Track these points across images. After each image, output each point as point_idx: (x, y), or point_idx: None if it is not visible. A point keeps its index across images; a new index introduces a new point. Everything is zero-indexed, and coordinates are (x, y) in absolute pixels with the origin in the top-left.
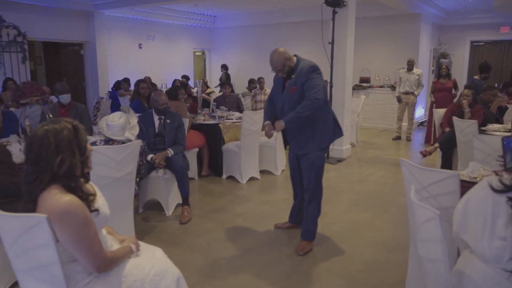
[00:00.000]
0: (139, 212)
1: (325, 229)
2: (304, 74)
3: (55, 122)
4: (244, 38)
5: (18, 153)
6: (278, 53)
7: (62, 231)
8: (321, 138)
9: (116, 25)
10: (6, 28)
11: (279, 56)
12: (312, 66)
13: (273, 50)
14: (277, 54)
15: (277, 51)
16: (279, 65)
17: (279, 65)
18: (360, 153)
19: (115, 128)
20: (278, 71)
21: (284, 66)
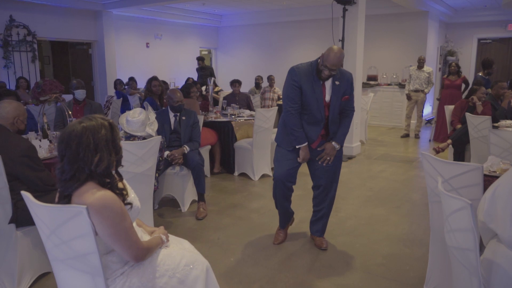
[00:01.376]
0: (154, 208)
1: (341, 225)
2: (349, 83)
3: (91, 119)
4: (250, 37)
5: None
6: (342, 52)
7: (101, 223)
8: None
9: (124, 24)
10: (16, 28)
11: (342, 55)
12: (351, 74)
13: (335, 48)
14: (342, 51)
15: (341, 49)
16: (340, 64)
17: (340, 64)
18: (370, 150)
19: (136, 124)
20: (332, 71)
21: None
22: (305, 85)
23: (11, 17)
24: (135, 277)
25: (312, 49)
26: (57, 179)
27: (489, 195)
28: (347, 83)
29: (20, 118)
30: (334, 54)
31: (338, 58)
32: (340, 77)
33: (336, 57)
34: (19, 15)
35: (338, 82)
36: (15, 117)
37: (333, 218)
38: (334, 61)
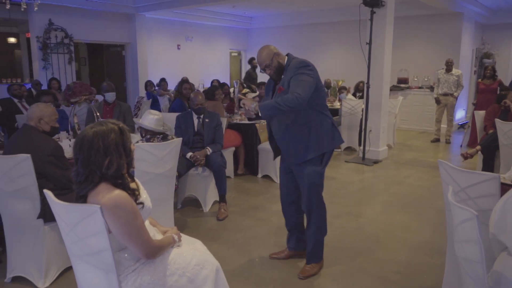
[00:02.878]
0: (177, 208)
1: (360, 230)
2: (292, 70)
3: (102, 124)
4: (280, 39)
5: (68, 149)
6: (267, 48)
7: (114, 222)
8: (317, 144)
9: (156, 26)
10: (55, 31)
11: (267, 50)
12: (302, 62)
13: (261, 47)
14: (265, 48)
15: (265, 46)
16: (266, 59)
17: (266, 59)
18: (397, 155)
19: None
20: (266, 67)
21: (272, 61)
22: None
23: (50, 20)
24: (147, 274)
25: (341, 51)
26: (74, 181)
27: (500, 207)
28: (287, 73)
29: (44, 119)
30: (258, 52)
31: (258, 55)
32: (287, 71)
33: (258, 53)
34: (58, 19)
35: (283, 76)
36: (39, 118)
37: (352, 223)
38: (257, 58)
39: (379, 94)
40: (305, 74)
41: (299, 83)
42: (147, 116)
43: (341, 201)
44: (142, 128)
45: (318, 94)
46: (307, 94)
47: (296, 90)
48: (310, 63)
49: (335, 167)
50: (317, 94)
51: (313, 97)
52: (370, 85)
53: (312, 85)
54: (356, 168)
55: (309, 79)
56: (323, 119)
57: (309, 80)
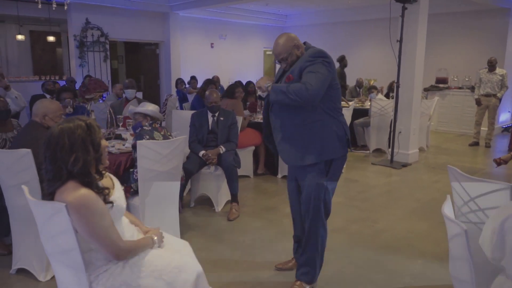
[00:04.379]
0: (190, 206)
1: (375, 237)
2: (305, 59)
3: (69, 121)
4: (314, 37)
5: None
6: (287, 37)
7: (79, 221)
8: (320, 148)
9: (190, 25)
10: (91, 30)
11: (286, 41)
12: (320, 51)
13: (281, 34)
14: (284, 37)
15: (284, 34)
16: (284, 51)
17: (284, 51)
18: (429, 158)
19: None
20: (282, 60)
21: (291, 54)
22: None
23: (87, 19)
24: (119, 275)
25: (375, 50)
26: (43, 179)
27: (498, 228)
28: (300, 61)
29: (49, 115)
30: (274, 43)
31: (276, 44)
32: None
33: (275, 42)
34: (94, 17)
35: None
36: (44, 115)
37: (368, 229)
38: (275, 49)
39: (409, 94)
40: (321, 64)
41: (313, 74)
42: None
43: (360, 205)
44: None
45: (332, 93)
46: (320, 89)
47: (309, 81)
48: (328, 54)
49: (360, 169)
50: (330, 93)
51: (325, 96)
52: (400, 84)
53: (327, 79)
54: (382, 171)
55: (325, 71)
56: (332, 122)
57: (325, 72)
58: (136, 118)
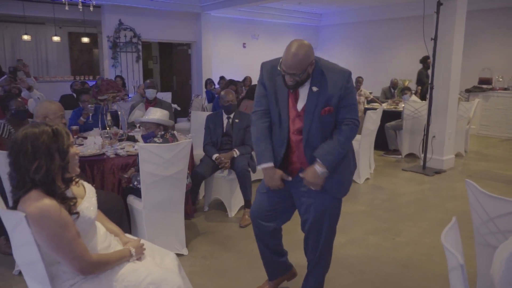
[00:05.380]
0: (204, 211)
1: (394, 251)
2: (338, 87)
3: (35, 126)
4: (350, 36)
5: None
6: (307, 49)
7: (39, 233)
8: (350, 180)
9: (222, 25)
10: (124, 31)
11: (306, 55)
12: (348, 72)
13: (293, 44)
14: (304, 49)
15: (305, 45)
16: (300, 67)
17: (300, 67)
18: (467, 165)
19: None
20: (293, 75)
21: (304, 72)
22: (269, 86)
23: (120, 21)
24: None
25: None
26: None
27: (505, 259)
28: (334, 87)
29: (49, 116)
30: (290, 52)
31: (296, 59)
32: (322, 80)
33: (294, 57)
34: (127, 19)
35: (317, 87)
36: (44, 116)
37: (388, 242)
38: (290, 62)
39: (445, 95)
40: (353, 89)
41: (353, 106)
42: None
43: (382, 215)
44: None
45: None
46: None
47: (353, 115)
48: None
49: (389, 175)
50: None
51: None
52: (435, 85)
53: None
54: (413, 177)
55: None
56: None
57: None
58: (147, 127)
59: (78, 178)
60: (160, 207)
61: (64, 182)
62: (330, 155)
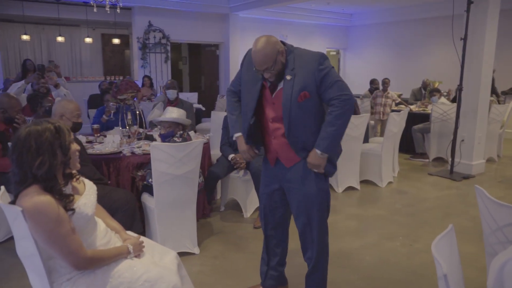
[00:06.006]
0: (220, 210)
1: (409, 258)
2: (312, 67)
3: (37, 124)
4: (381, 36)
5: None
6: (266, 42)
7: (34, 228)
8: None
9: (249, 26)
10: (153, 32)
11: (268, 46)
12: (322, 54)
13: (258, 40)
14: (263, 42)
15: (263, 38)
16: (269, 59)
17: (269, 59)
18: (499, 170)
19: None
20: (266, 70)
21: (276, 62)
22: (245, 75)
23: (149, 22)
24: (83, 285)
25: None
26: (12, 181)
27: (497, 268)
28: (307, 72)
29: (66, 115)
30: (254, 51)
31: (257, 52)
32: (295, 67)
33: (257, 52)
34: (156, 20)
35: (291, 76)
36: (61, 115)
37: (404, 248)
38: (257, 59)
39: (474, 97)
40: (332, 69)
41: (337, 84)
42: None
43: (401, 220)
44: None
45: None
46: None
47: (340, 91)
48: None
49: (414, 179)
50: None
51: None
52: (463, 87)
53: None
54: (439, 182)
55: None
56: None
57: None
58: (167, 127)
59: (79, 174)
60: (172, 205)
61: (64, 177)
62: (324, 140)
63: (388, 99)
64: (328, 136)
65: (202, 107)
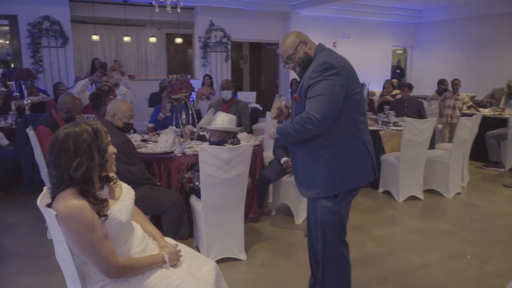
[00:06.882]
0: (271, 215)
1: (480, 283)
2: (309, 74)
3: (75, 125)
4: (451, 33)
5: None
6: (294, 34)
7: (66, 233)
8: (327, 179)
9: (311, 24)
10: (215, 31)
11: (292, 37)
12: (322, 63)
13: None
14: (290, 34)
15: (292, 32)
16: (290, 47)
17: (290, 47)
18: None
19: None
20: (288, 59)
21: (298, 51)
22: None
23: (211, 22)
24: None
25: None
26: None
27: None
28: (306, 76)
29: (118, 115)
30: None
31: (281, 43)
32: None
33: (281, 43)
34: (218, 19)
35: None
36: (114, 114)
37: (472, 270)
38: (280, 49)
39: None
40: (325, 82)
41: (315, 100)
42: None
43: (470, 237)
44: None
45: (350, 103)
46: (329, 113)
47: (311, 110)
48: (335, 63)
49: (486, 191)
50: (349, 106)
51: (342, 111)
52: None
53: (336, 97)
54: None
55: (332, 89)
56: (352, 141)
57: (332, 91)
58: (217, 135)
59: (116, 178)
60: (219, 209)
61: (101, 180)
62: (281, 130)
63: (458, 101)
64: (285, 127)
65: (260, 106)
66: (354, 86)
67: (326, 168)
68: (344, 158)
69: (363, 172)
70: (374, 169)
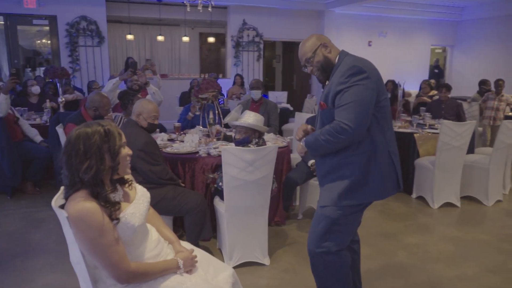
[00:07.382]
0: (297, 219)
1: None
2: (337, 80)
3: (88, 126)
4: (498, 31)
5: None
6: (314, 36)
7: (77, 236)
8: (348, 188)
9: (346, 22)
10: (247, 30)
11: (312, 39)
12: (350, 67)
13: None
14: (310, 37)
15: (313, 34)
16: (309, 49)
17: (309, 49)
18: None
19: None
20: (307, 62)
21: (317, 54)
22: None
23: (244, 21)
24: None
25: None
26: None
27: None
28: (333, 81)
29: (143, 115)
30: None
31: (302, 45)
32: (333, 74)
33: (300, 45)
34: (250, 18)
35: (329, 81)
36: (139, 114)
37: (511, 285)
38: (299, 49)
39: None
40: (356, 87)
41: (347, 107)
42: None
43: (510, 248)
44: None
45: (379, 110)
46: (361, 122)
47: (344, 117)
48: (364, 67)
49: None
50: (376, 110)
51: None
52: None
53: (370, 102)
54: None
55: (363, 94)
56: (380, 150)
57: (363, 97)
58: (243, 132)
59: (131, 180)
60: (242, 212)
61: (112, 183)
62: (310, 142)
63: (502, 102)
64: (316, 140)
65: (290, 107)
66: (382, 92)
67: (351, 178)
68: (371, 167)
69: (385, 185)
70: (399, 182)
